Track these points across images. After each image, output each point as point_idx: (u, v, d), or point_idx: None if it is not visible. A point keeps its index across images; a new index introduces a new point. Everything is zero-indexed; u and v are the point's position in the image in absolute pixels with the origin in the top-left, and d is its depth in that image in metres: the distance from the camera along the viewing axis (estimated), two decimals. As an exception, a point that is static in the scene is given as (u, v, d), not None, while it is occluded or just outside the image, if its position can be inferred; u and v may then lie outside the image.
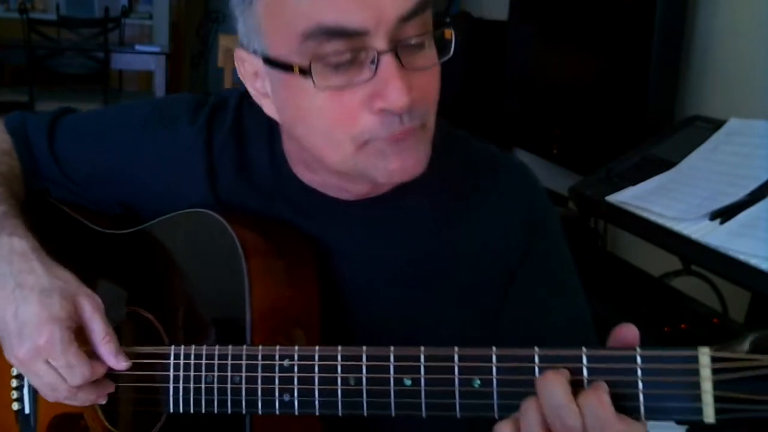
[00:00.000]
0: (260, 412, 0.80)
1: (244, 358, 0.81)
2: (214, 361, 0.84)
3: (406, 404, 0.73)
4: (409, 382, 0.72)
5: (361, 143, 0.80)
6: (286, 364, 0.78)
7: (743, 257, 1.36)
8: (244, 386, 0.81)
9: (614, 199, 1.78)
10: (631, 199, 1.74)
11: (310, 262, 0.91)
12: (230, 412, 0.82)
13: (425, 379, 0.72)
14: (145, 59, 5.45)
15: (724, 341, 0.64)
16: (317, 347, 0.77)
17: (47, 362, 0.85)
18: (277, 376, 0.79)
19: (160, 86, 5.32)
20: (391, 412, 0.74)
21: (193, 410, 0.85)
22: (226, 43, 3.55)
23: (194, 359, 0.86)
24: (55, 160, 1.05)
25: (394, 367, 0.73)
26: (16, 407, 1.03)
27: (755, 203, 1.49)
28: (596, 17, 2.41)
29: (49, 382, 0.87)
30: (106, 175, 1.03)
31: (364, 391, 0.74)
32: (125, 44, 5.78)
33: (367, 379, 0.74)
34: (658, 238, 1.65)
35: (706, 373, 0.63)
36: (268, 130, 0.96)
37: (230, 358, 0.82)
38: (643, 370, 0.65)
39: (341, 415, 0.76)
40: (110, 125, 1.05)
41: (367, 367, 0.74)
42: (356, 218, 0.93)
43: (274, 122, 0.92)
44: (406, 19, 0.77)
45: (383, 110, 0.78)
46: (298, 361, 0.78)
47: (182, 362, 0.87)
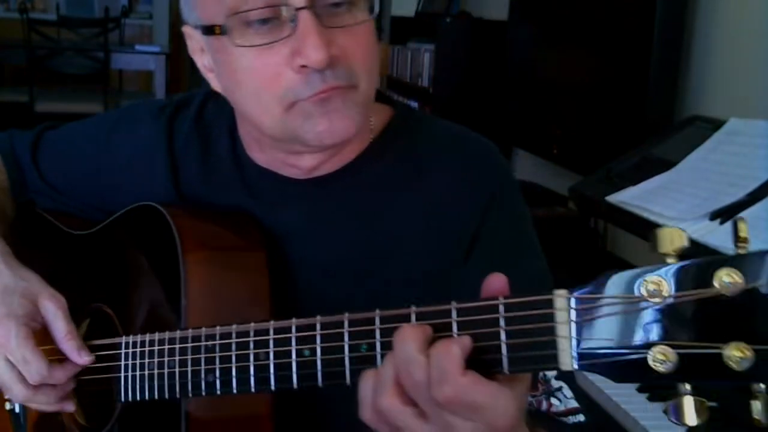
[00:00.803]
0: (191, 394, 0.81)
1: (177, 342, 0.82)
2: (155, 347, 0.85)
3: (306, 375, 0.72)
4: (307, 352, 0.72)
5: (287, 104, 0.82)
6: (209, 345, 0.79)
7: (743, 257, 1.36)
8: (177, 370, 0.82)
9: (614, 199, 1.78)
10: (631, 199, 1.74)
11: (259, 246, 0.92)
12: (168, 396, 0.83)
13: (321, 348, 0.71)
14: (145, 59, 5.45)
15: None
16: (234, 325, 0.77)
17: (6, 359, 0.87)
18: (202, 357, 0.79)
19: (160, 86, 5.32)
20: (293, 384, 0.73)
21: (140, 398, 0.87)
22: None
23: (140, 347, 0.87)
24: (39, 172, 1.09)
25: (296, 338, 0.73)
26: (8, 407, 1.06)
27: (755, 203, 1.49)
28: (596, 17, 2.41)
29: (5, 380, 0.88)
30: (82, 183, 1.07)
31: (271, 365, 0.74)
32: (125, 44, 5.79)
33: (274, 353, 0.74)
34: (658, 238, 1.65)
35: (562, 317, 0.59)
36: (229, 120, 0.98)
37: (167, 342, 0.84)
38: (505, 319, 0.61)
39: (254, 391, 0.76)
40: (82, 137, 1.09)
41: (274, 340, 0.74)
42: (308, 197, 0.93)
43: (233, 111, 0.94)
44: None
45: (304, 67, 0.79)
46: (219, 340, 0.78)
47: (130, 351, 0.89)
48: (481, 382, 0.61)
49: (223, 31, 0.81)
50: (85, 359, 0.89)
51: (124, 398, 0.89)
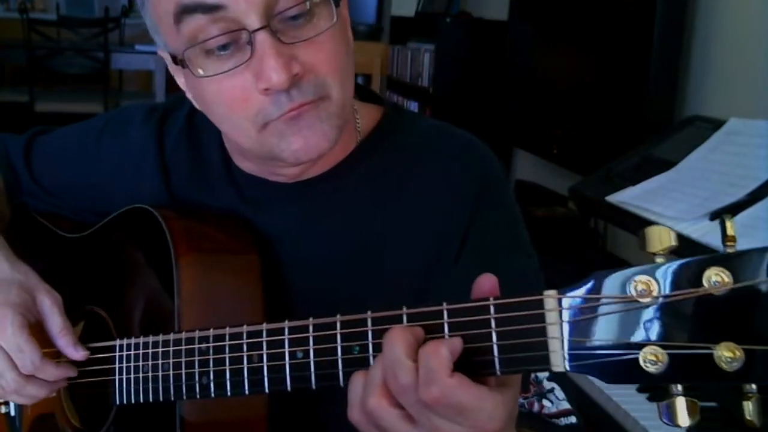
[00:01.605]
0: (185, 397, 0.81)
1: (171, 344, 0.82)
2: (149, 350, 0.85)
3: (299, 377, 0.71)
4: (300, 354, 0.71)
5: (260, 126, 0.80)
6: (203, 347, 0.78)
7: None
8: (171, 373, 0.82)
9: (614, 199, 1.78)
10: (631, 199, 1.75)
11: (251, 248, 0.92)
12: (162, 399, 0.83)
13: (314, 350, 0.70)
14: (145, 59, 5.45)
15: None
16: (228, 327, 0.77)
17: (0, 348, 0.86)
18: (196, 359, 0.79)
19: (160, 86, 5.32)
20: (287, 386, 0.72)
21: (135, 400, 0.87)
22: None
23: (134, 350, 0.87)
24: (31, 176, 1.10)
25: (288, 340, 0.72)
26: (3, 410, 1.06)
27: (755, 203, 1.49)
28: (596, 17, 2.41)
29: None
30: (74, 187, 1.07)
31: (264, 367, 0.73)
32: (125, 44, 5.78)
33: (267, 355, 0.73)
34: (658, 238, 1.65)
35: (552, 317, 0.59)
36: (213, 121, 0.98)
37: (161, 345, 0.83)
38: (496, 320, 0.61)
39: (248, 393, 0.75)
40: (72, 141, 1.09)
41: (267, 342, 0.74)
42: (297, 199, 0.93)
43: None
44: None
45: (267, 89, 0.78)
46: (212, 343, 0.78)
47: (125, 354, 0.88)
48: (468, 384, 0.61)
49: (184, 64, 0.80)
50: (80, 354, 0.89)
51: (118, 401, 0.89)
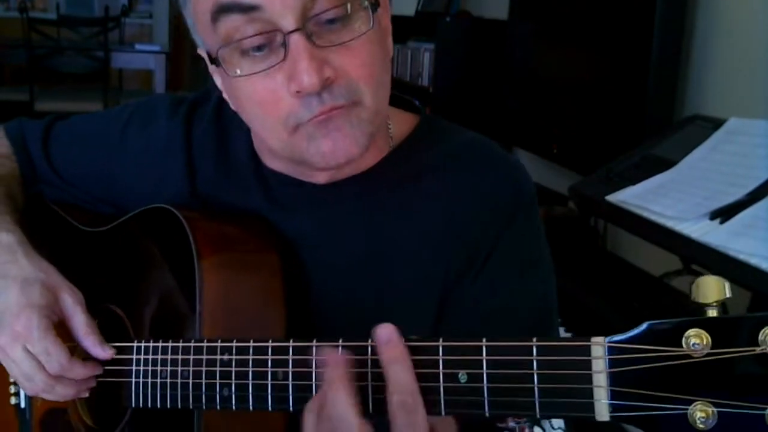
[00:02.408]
0: (204, 407, 0.80)
1: (191, 352, 0.82)
2: (167, 355, 0.84)
3: None
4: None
5: (291, 128, 0.81)
6: (225, 358, 0.78)
7: (743, 257, 1.36)
8: (191, 381, 0.81)
9: (614, 198, 1.78)
10: (631, 198, 1.74)
11: (273, 249, 0.91)
12: (180, 407, 0.83)
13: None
14: (145, 58, 5.45)
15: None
16: (252, 340, 0.77)
17: (26, 350, 0.86)
18: (218, 370, 0.78)
19: (160, 85, 5.32)
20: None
21: (151, 405, 0.86)
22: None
23: (152, 354, 0.87)
24: (49, 163, 1.08)
25: (316, 360, 0.71)
26: (13, 401, 1.05)
27: (755, 203, 1.49)
28: (596, 17, 2.41)
29: (25, 371, 0.87)
30: (93, 176, 1.06)
31: (290, 385, 0.73)
32: (125, 43, 5.79)
33: (293, 373, 0.73)
34: (658, 237, 1.65)
35: (598, 365, 0.58)
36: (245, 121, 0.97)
37: (181, 351, 0.83)
38: (538, 362, 0.60)
39: (271, 409, 0.75)
40: (95, 129, 1.08)
41: (293, 361, 0.73)
42: (323, 202, 0.93)
43: None
44: None
45: (298, 92, 0.78)
46: (235, 354, 0.77)
47: (142, 357, 0.88)
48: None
49: (218, 63, 0.81)
50: (107, 353, 0.89)
51: (134, 404, 0.88)
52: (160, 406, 0.85)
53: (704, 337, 0.55)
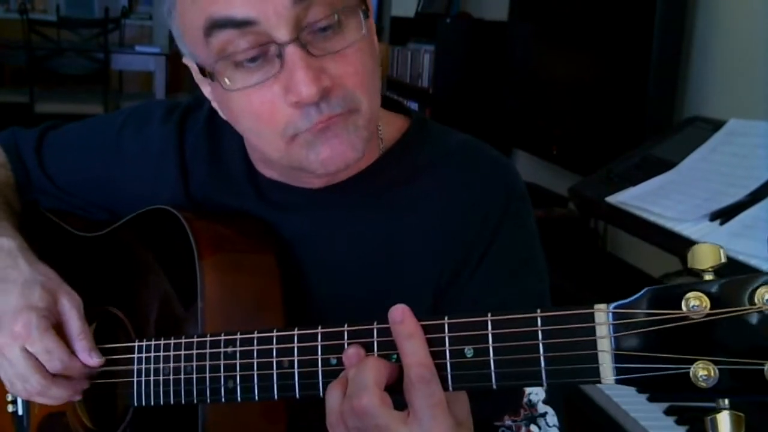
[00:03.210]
0: (209, 400, 0.81)
1: (195, 347, 0.82)
2: (170, 352, 0.85)
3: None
4: (334, 361, 0.72)
5: (289, 138, 0.80)
6: (229, 351, 0.79)
7: (743, 258, 1.36)
8: (195, 376, 0.82)
9: (614, 199, 1.78)
10: (631, 199, 1.74)
11: (270, 250, 0.92)
12: (184, 402, 0.83)
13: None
14: (145, 60, 5.46)
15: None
16: (256, 331, 0.77)
17: (24, 350, 0.86)
18: (222, 363, 0.79)
19: (159, 87, 5.32)
20: (319, 392, 0.73)
21: (154, 402, 0.87)
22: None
23: (154, 352, 0.87)
24: (43, 171, 1.09)
25: (321, 346, 0.72)
26: (11, 409, 1.05)
27: (755, 204, 1.49)
28: (596, 17, 2.41)
29: (21, 371, 0.87)
30: (89, 182, 1.06)
31: (296, 373, 0.74)
32: (125, 45, 5.79)
33: (299, 361, 0.74)
34: (658, 238, 1.65)
35: (603, 331, 0.60)
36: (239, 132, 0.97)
37: (183, 348, 0.83)
38: (543, 332, 0.63)
39: (277, 398, 0.76)
40: (89, 136, 1.08)
41: (298, 348, 0.74)
42: (316, 206, 0.93)
43: None
44: (302, 2, 0.75)
45: (296, 102, 0.77)
46: (239, 346, 0.78)
47: (144, 356, 0.88)
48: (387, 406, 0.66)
49: (212, 77, 0.80)
50: (95, 361, 0.89)
51: (137, 403, 0.88)
52: (163, 402, 0.85)
53: (703, 299, 0.57)
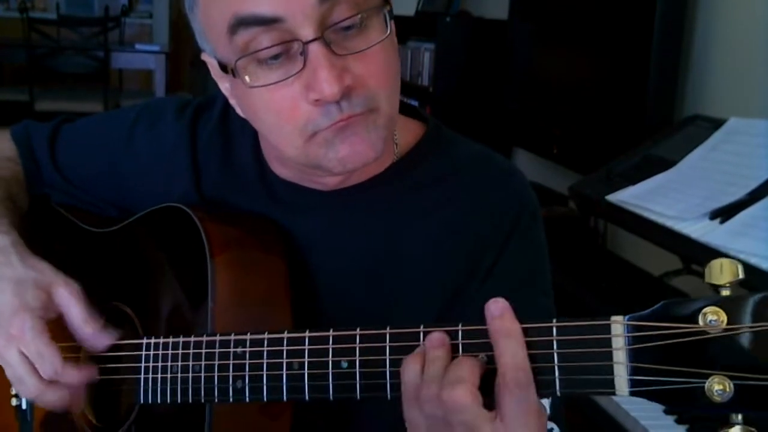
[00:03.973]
0: (216, 400, 0.81)
1: (204, 346, 0.82)
2: (178, 350, 0.85)
3: (342, 386, 0.72)
4: (345, 364, 0.72)
5: (308, 135, 0.80)
6: (239, 351, 0.79)
7: (743, 257, 1.37)
8: (203, 374, 0.81)
9: (614, 198, 1.79)
10: (631, 198, 1.75)
11: (281, 252, 0.92)
12: (191, 401, 0.83)
13: (360, 361, 0.71)
14: (145, 58, 5.46)
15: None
16: (267, 332, 0.78)
17: (20, 352, 0.86)
18: (231, 363, 0.79)
19: (160, 85, 5.33)
20: (329, 395, 0.73)
21: (161, 400, 0.86)
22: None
23: (162, 350, 0.87)
24: (55, 166, 1.08)
25: (332, 349, 0.73)
26: (14, 402, 1.05)
27: (755, 203, 1.50)
28: (596, 17, 2.41)
29: (18, 374, 0.87)
30: (101, 178, 1.06)
31: (305, 374, 0.74)
32: (125, 43, 5.79)
33: (309, 363, 0.74)
34: (658, 237, 1.65)
35: (619, 343, 0.61)
36: (253, 128, 0.97)
37: (192, 347, 0.83)
38: (558, 342, 0.63)
39: (286, 399, 0.76)
40: (102, 131, 1.08)
41: (309, 350, 0.74)
42: (330, 207, 0.93)
43: None
44: (328, 0, 0.76)
45: (318, 100, 0.78)
46: (249, 347, 0.78)
47: (152, 353, 0.88)
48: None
49: (235, 73, 0.80)
50: (113, 335, 0.88)
51: (143, 400, 0.88)
52: (170, 401, 0.85)
53: (720, 314, 0.57)
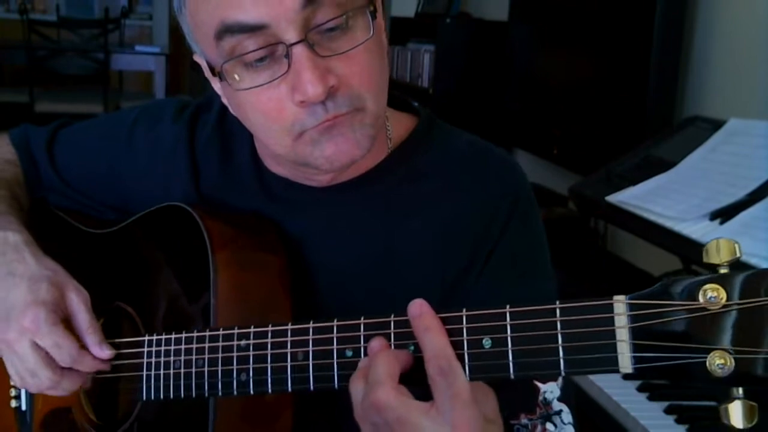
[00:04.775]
0: (220, 393, 0.81)
1: (207, 341, 0.83)
2: (181, 346, 0.85)
3: (347, 376, 0.72)
4: (350, 353, 0.73)
5: (296, 135, 0.82)
6: (242, 344, 0.79)
7: (743, 257, 1.36)
8: (206, 369, 0.82)
9: (614, 199, 1.79)
10: (631, 199, 1.75)
11: (281, 249, 0.93)
12: (194, 396, 0.84)
13: (365, 348, 0.72)
14: (144, 60, 5.46)
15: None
16: (270, 325, 0.78)
17: (33, 345, 0.87)
18: (234, 356, 0.80)
19: (159, 87, 5.33)
20: (334, 384, 0.74)
21: (163, 396, 0.87)
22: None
23: (164, 346, 0.88)
24: (54, 169, 1.09)
25: (337, 339, 0.73)
26: (14, 404, 1.06)
27: (755, 203, 1.50)
28: (596, 17, 2.41)
29: (30, 366, 0.88)
30: (100, 180, 1.07)
31: (310, 365, 0.75)
32: (125, 45, 5.79)
33: (314, 353, 0.75)
34: (658, 238, 1.65)
35: (621, 321, 0.62)
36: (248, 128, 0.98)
37: (195, 341, 0.84)
38: (561, 323, 0.64)
39: (291, 391, 0.76)
40: (100, 133, 1.09)
41: (313, 340, 0.75)
42: (326, 203, 0.94)
43: None
44: (311, 3, 0.76)
45: (303, 102, 0.79)
46: (253, 339, 0.79)
47: (154, 350, 0.89)
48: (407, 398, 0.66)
49: (222, 77, 0.81)
50: (106, 353, 0.90)
51: (145, 396, 0.89)
52: (173, 396, 0.86)
53: (720, 290, 0.59)
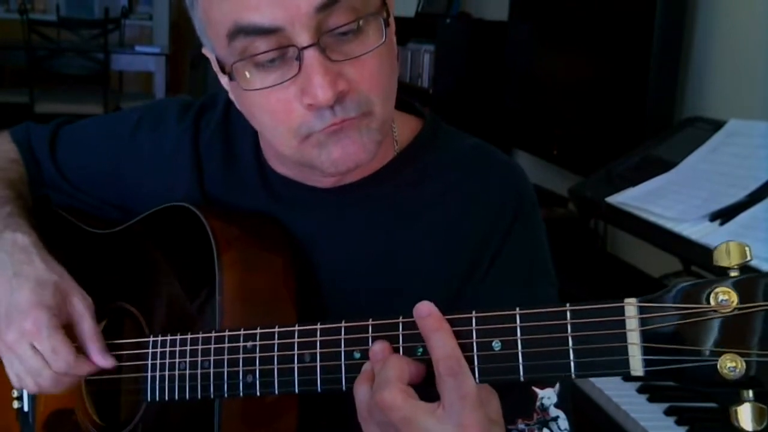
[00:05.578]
0: (226, 395, 0.81)
1: (212, 342, 0.83)
2: (186, 347, 0.85)
3: (355, 378, 0.72)
4: (358, 354, 0.73)
5: (302, 137, 0.81)
6: (249, 345, 0.79)
7: (744, 258, 1.36)
8: (212, 371, 0.82)
9: (614, 200, 1.78)
10: (631, 200, 1.74)
11: (285, 250, 0.93)
12: (200, 397, 0.83)
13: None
14: (145, 60, 5.46)
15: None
16: (277, 326, 0.78)
17: (33, 347, 0.87)
18: (240, 357, 0.80)
19: (159, 87, 5.33)
20: (342, 386, 0.73)
21: (168, 398, 0.87)
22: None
23: (169, 347, 0.87)
24: (56, 167, 1.09)
25: (344, 340, 0.73)
26: (16, 405, 1.06)
27: (755, 204, 1.50)
28: (596, 17, 2.41)
29: (32, 366, 0.88)
30: (102, 179, 1.06)
31: (318, 367, 0.75)
32: (125, 45, 5.79)
33: (321, 354, 0.74)
34: (658, 239, 1.65)
35: (632, 324, 0.62)
36: (253, 128, 0.98)
37: (200, 343, 0.84)
38: (572, 325, 0.64)
39: (297, 392, 0.76)
40: (104, 132, 1.08)
41: (321, 342, 0.75)
42: (328, 205, 0.94)
43: None
44: (326, 8, 0.76)
45: (311, 105, 0.79)
46: (259, 341, 0.79)
47: (159, 351, 0.89)
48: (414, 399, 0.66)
49: (232, 76, 0.81)
50: (108, 363, 0.90)
51: (150, 398, 0.89)
52: (178, 398, 0.86)
53: (731, 294, 0.59)
